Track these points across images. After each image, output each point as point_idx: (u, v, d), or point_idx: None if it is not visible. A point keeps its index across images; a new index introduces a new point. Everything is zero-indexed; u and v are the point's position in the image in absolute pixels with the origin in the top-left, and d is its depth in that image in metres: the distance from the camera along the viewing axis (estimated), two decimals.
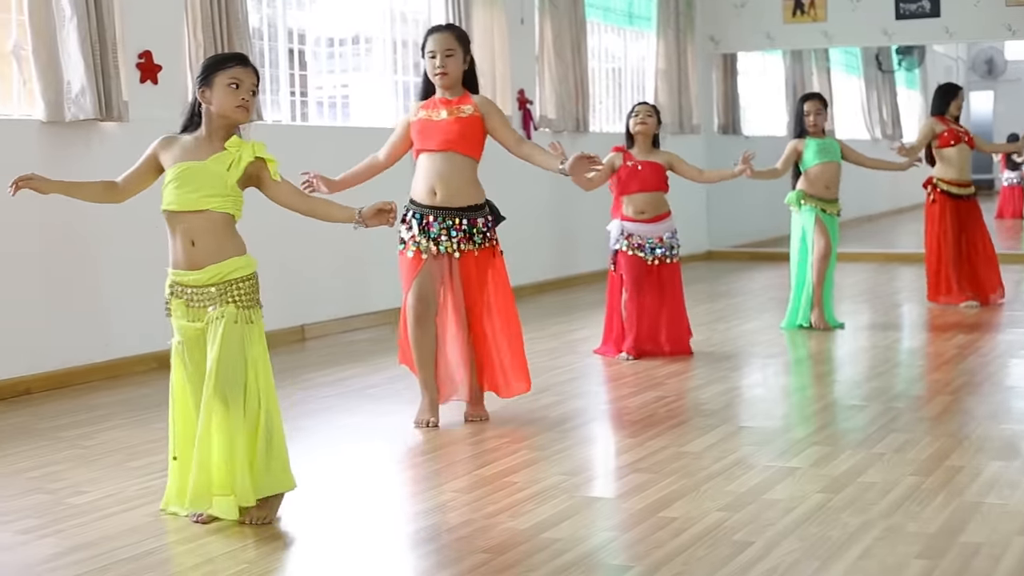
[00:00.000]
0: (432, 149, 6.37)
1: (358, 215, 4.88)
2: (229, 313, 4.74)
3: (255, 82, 4.86)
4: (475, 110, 6.37)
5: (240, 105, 4.80)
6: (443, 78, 6.37)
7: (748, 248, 16.09)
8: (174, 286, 4.83)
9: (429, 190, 6.39)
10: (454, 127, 6.34)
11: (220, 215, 4.78)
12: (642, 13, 14.91)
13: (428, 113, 6.41)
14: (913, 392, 7.36)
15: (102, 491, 5.29)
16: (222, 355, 4.71)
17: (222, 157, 4.80)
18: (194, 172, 4.77)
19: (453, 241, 6.35)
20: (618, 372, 7.95)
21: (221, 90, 4.79)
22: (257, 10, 9.63)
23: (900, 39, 15.49)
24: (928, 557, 4.26)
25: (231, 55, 4.91)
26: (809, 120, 9.36)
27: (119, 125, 8.01)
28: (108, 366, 7.98)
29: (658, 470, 5.48)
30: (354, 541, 4.65)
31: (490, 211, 6.50)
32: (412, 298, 6.41)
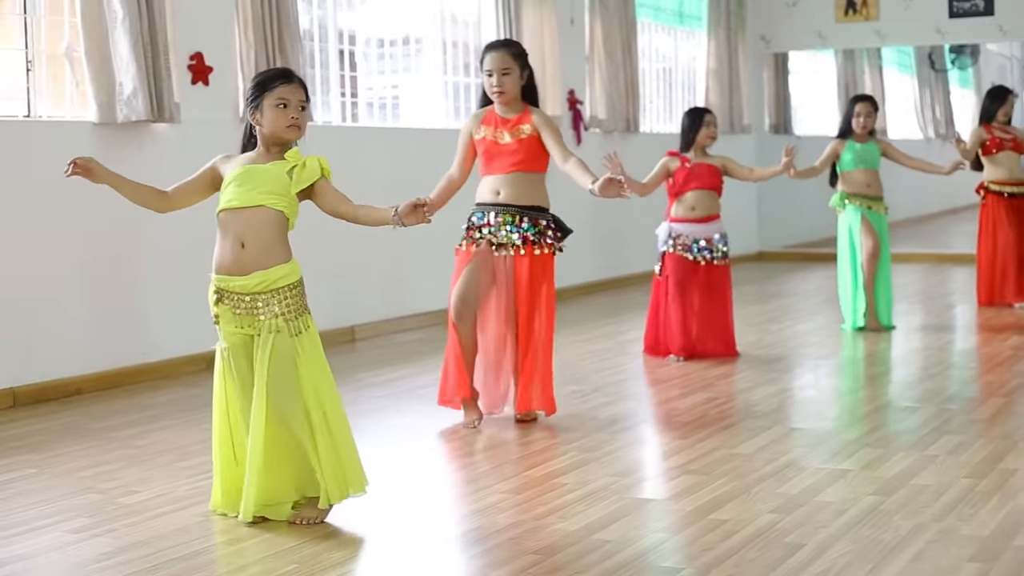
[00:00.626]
0: (499, 173, 6.45)
1: (395, 213, 4.86)
2: (279, 328, 4.75)
3: (303, 98, 4.86)
4: (533, 129, 6.39)
5: (291, 124, 4.82)
6: (500, 96, 6.41)
7: (800, 249, 16.00)
8: (219, 292, 4.83)
9: (494, 191, 6.45)
10: (519, 151, 6.41)
11: (275, 214, 4.78)
12: (693, 12, 14.86)
13: (493, 133, 6.44)
14: (966, 394, 7.29)
15: (153, 491, 5.32)
16: (273, 374, 4.73)
17: (282, 163, 4.82)
18: (255, 172, 4.81)
19: (512, 235, 6.36)
20: (668, 374, 7.92)
21: (270, 111, 4.80)
22: (308, 11, 9.66)
23: (953, 38, 15.35)
24: (982, 560, 4.22)
25: (275, 73, 4.91)
26: (859, 121, 9.30)
27: (171, 126, 8.04)
28: (158, 367, 8.02)
29: (709, 472, 5.45)
30: (404, 542, 4.65)
31: (555, 221, 6.50)
32: (454, 296, 6.45)
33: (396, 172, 10.01)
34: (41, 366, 7.39)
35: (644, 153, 12.66)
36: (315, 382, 4.81)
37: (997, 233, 10.53)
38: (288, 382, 4.75)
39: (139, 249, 7.94)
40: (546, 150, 6.46)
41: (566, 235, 6.56)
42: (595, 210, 12.27)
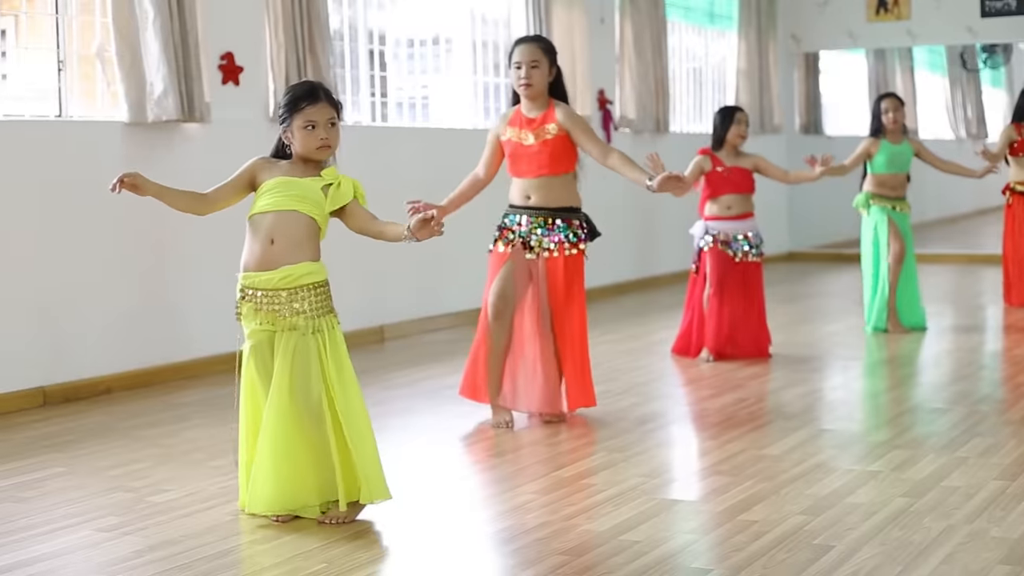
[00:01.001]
0: (526, 176, 6.44)
1: (407, 230, 4.86)
2: (297, 326, 4.76)
3: (332, 115, 4.86)
4: (559, 128, 6.36)
5: (321, 146, 4.84)
6: (527, 89, 6.39)
7: (830, 249, 15.95)
8: (244, 290, 4.86)
9: (523, 196, 6.46)
10: (543, 153, 6.38)
11: (306, 219, 4.81)
12: (723, 12, 14.84)
13: (518, 134, 6.43)
14: (997, 395, 7.26)
15: (183, 490, 5.33)
16: (295, 371, 4.76)
17: (319, 180, 4.86)
18: (291, 183, 4.84)
19: (543, 239, 6.36)
20: (697, 374, 7.91)
21: (299, 133, 4.82)
22: (338, 11, 9.67)
23: (985, 37, 15.28)
24: (1012, 563, 4.20)
25: (302, 92, 4.87)
26: (888, 117, 9.26)
27: (201, 126, 8.07)
28: (188, 366, 8.04)
29: (738, 473, 5.44)
30: (432, 542, 4.65)
31: (586, 221, 6.50)
32: (492, 294, 6.43)
33: (425, 172, 10.02)
34: (71, 365, 7.43)
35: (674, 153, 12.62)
36: (337, 384, 4.81)
37: (1018, 236, 10.48)
38: (306, 381, 4.77)
39: (169, 248, 7.96)
40: (573, 150, 6.43)
41: (594, 237, 6.55)
42: (626, 210, 12.27)
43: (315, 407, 4.77)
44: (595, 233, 6.56)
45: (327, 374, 4.80)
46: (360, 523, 4.84)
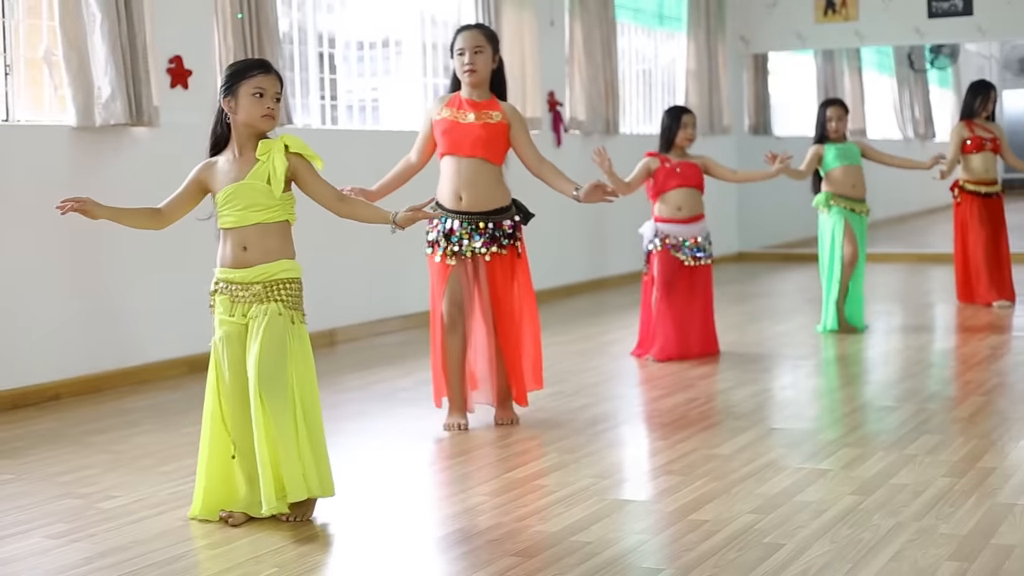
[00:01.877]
0: (459, 154, 6.36)
1: (393, 219, 4.91)
2: (273, 309, 4.78)
3: (279, 89, 4.90)
4: (503, 118, 6.37)
5: (266, 114, 4.85)
6: (471, 75, 6.36)
7: (779, 249, 16.04)
8: (219, 283, 4.89)
9: (455, 195, 6.38)
10: (482, 133, 6.33)
11: (273, 224, 4.85)
12: (672, 14, 14.88)
13: (453, 113, 6.39)
14: (945, 393, 7.31)
15: (132, 496, 5.31)
16: (264, 350, 4.76)
17: (259, 171, 4.84)
18: (240, 192, 4.84)
19: (477, 244, 6.34)
20: (649, 374, 7.93)
21: (246, 100, 4.83)
22: (287, 14, 9.65)
23: (932, 38, 15.39)
24: (960, 559, 4.23)
25: (253, 63, 4.92)
26: (832, 126, 9.33)
27: (150, 130, 8.03)
28: (137, 371, 8.00)
29: (689, 472, 5.46)
30: (384, 544, 4.65)
31: (518, 210, 6.49)
32: (446, 303, 6.40)
33: (376, 175, 9.96)
34: (19, 371, 7.37)
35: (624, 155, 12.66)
36: (301, 379, 4.83)
37: (969, 233, 10.57)
38: (278, 362, 4.78)
39: (118, 253, 7.92)
40: (507, 145, 6.41)
41: (528, 220, 6.54)
42: (576, 212, 12.28)
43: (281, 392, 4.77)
44: (528, 216, 6.53)
45: (294, 369, 4.82)
46: (312, 526, 4.83)
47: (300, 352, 4.89)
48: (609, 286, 12.90)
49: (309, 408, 4.88)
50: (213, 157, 4.98)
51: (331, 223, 9.48)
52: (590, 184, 6.04)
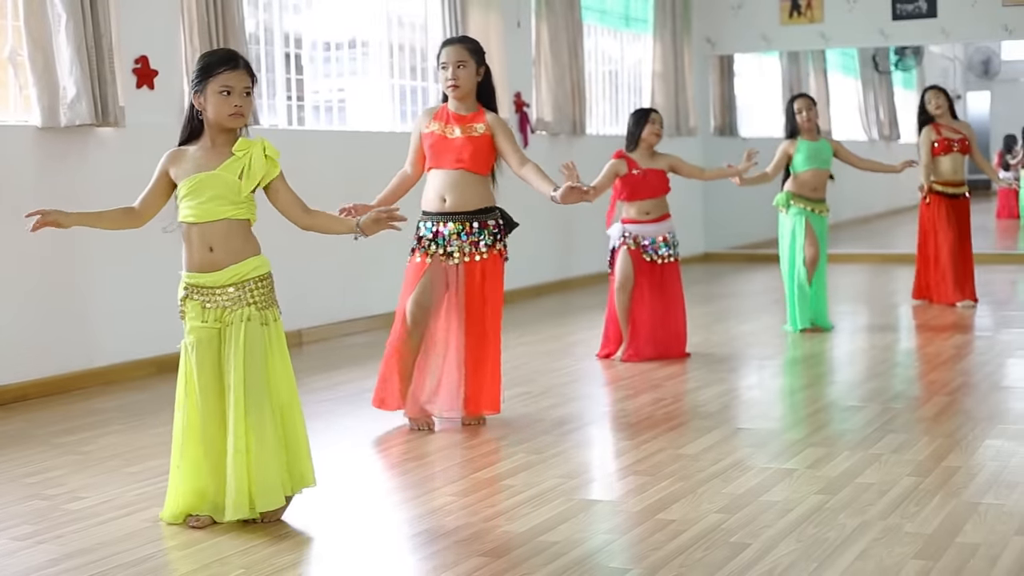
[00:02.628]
0: (444, 167, 6.42)
1: (357, 226, 4.90)
2: (249, 315, 4.76)
3: (248, 84, 4.82)
4: (487, 129, 6.40)
5: (233, 113, 4.79)
6: (455, 90, 6.41)
7: (745, 250, 16.09)
8: (189, 288, 4.83)
9: (439, 198, 6.44)
10: (467, 148, 6.39)
11: (237, 222, 4.80)
12: (639, 15, 14.92)
13: (442, 128, 6.43)
14: (910, 393, 7.36)
15: (100, 497, 5.29)
16: (246, 366, 4.75)
17: (232, 164, 4.80)
18: (207, 182, 4.77)
19: (465, 244, 6.37)
20: (615, 375, 7.95)
21: (214, 98, 4.77)
22: (253, 15, 9.63)
23: (897, 40, 15.49)
24: (925, 558, 4.26)
25: (220, 57, 4.83)
26: (802, 116, 9.38)
27: (115, 131, 8.01)
28: (105, 371, 7.97)
29: (656, 472, 5.48)
30: (352, 545, 4.65)
31: (501, 216, 6.52)
32: (411, 302, 6.41)
33: (343, 175, 10.00)
34: None
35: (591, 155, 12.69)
36: (279, 378, 4.83)
37: (937, 233, 10.62)
38: (261, 373, 4.77)
39: (85, 254, 7.89)
40: (493, 155, 6.46)
41: (512, 229, 6.57)
42: (544, 213, 12.29)
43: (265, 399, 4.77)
44: (512, 224, 6.58)
45: (272, 367, 4.80)
46: (279, 526, 4.82)
47: (278, 351, 4.87)
48: (576, 287, 12.92)
49: (288, 405, 4.87)
50: (182, 146, 4.91)
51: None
52: (566, 186, 6.07)
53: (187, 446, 4.87)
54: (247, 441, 4.74)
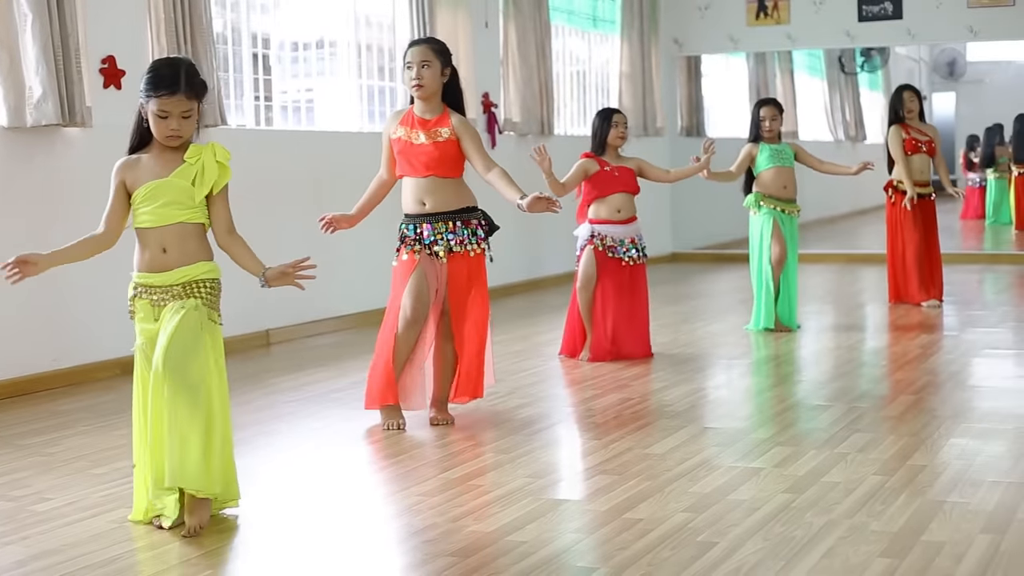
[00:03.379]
0: (415, 175, 6.43)
1: (263, 275, 4.84)
2: (190, 304, 4.73)
3: (187, 108, 4.74)
4: (452, 133, 6.38)
5: (170, 135, 4.75)
6: (419, 90, 6.39)
7: (712, 250, 16.14)
8: (138, 287, 4.80)
9: (418, 202, 6.46)
10: (433, 154, 6.38)
11: (192, 225, 4.78)
12: (606, 16, 14.94)
13: (408, 133, 6.42)
14: (876, 392, 7.39)
15: (66, 498, 5.27)
16: (175, 335, 4.66)
17: (185, 171, 4.78)
18: (159, 189, 4.75)
19: (448, 243, 6.37)
20: (583, 375, 7.96)
21: (152, 118, 4.74)
22: (221, 14, 9.61)
23: (863, 41, 15.57)
24: (891, 556, 4.29)
25: (163, 79, 4.73)
26: (765, 126, 9.44)
27: (82, 131, 7.98)
28: (70, 373, 7.95)
29: (623, 472, 5.49)
30: (319, 546, 4.64)
31: (484, 218, 6.54)
32: (409, 298, 6.38)
33: (310, 175, 9.99)
34: None
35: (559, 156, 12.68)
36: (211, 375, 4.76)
37: (903, 233, 10.67)
38: (188, 349, 4.69)
39: None
40: (462, 157, 6.46)
41: (493, 231, 6.60)
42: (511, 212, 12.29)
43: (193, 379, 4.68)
44: (494, 227, 6.61)
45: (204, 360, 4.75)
46: (247, 527, 4.82)
47: (214, 352, 4.80)
48: (544, 287, 12.94)
49: (220, 411, 4.80)
50: (133, 155, 4.86)
51: (266, 223, 9.46)
52: (533, 195, 6.07)
53: (144, 446, 4.84)
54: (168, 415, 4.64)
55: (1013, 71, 23.79)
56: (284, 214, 9.69)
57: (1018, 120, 18.47)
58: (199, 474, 4.67)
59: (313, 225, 9.95)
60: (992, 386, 7.36)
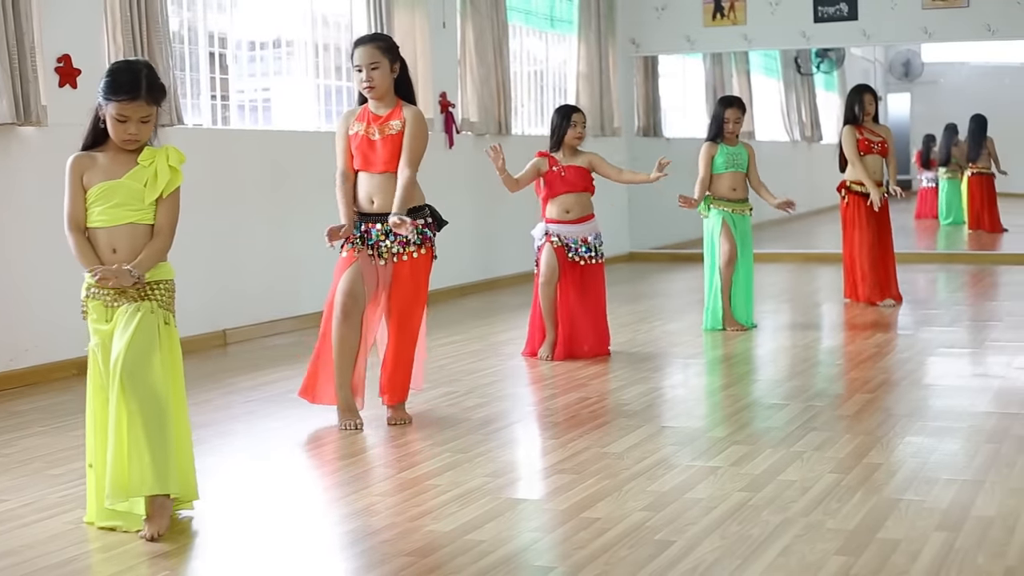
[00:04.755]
0: (370, 171, 6.45)
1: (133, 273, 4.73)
2: (145, 306, 4.72)
3: (146, 114, 4.73)
4: (402, 126, 6.39)
5: (127, 139, 4.74)
6: (371, 91, 6.40)
7: (669, 250, 16.19)
8: (91, 288, 4.78)
9: (368, 199, 6.48)
10: (390, 148, 6.40)
11: (144, 226, 4.77)
12: (563, 16, 14.96)
13: (364, 129, 6.43)
14: (832, 391, 7.43)
15: (21, 499, 5.25)
16: (132, 340, 4.64)
17: (138, 173, 4.77)
18: (112, 190, 4.74)
19: (393, 244, 6.39)
20: (541, 374, 7.98)
21: (111, 121, 4.73)
22: (177, 13, 9.57)
23: (819, 42, 15.65)
24: (847, 554, 4.31)
25: (122, 84, 4.72)
26: (728, 127, 9.47)
27: (38, 130, 7.93)
28: (26, 373, 7.90)
29: (581, 471, 5.51)
30: (277, 546, 4.64)
31: (432, 214, 6.55)
32: (340, 293, 6.41)
33: (267, 174, 9.97)
34: None
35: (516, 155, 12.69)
36: (170, 381, 4.75)
37: (856, 233, 10.71)
38: (145, 353, 4.67)
39: (5, 254, 7.81)
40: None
41: (441, 227, 6.61)
42: (468, 212, 12.31)
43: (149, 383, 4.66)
44: (442, 223, 6.62)
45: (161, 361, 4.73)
46: (202, 528, 4.81)
47: (170, 354, 4.79)
48: (501, 286, 12.94)
49: (178, 413, 4.80)
50: (87, 152, 4.84)
51: (223, 221, 9.44)
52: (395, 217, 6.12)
53: (98, 447, 4.82)
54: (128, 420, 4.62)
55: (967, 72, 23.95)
56: (241, 213, 9.67)
57: (973, 120, 18.61)
58: (159, 478, 4.65)
59: (269, 223, 9.96)
60: (947, 385, 7.41)
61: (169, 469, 4.69)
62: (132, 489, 4.66)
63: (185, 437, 4.85)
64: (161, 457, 4.66)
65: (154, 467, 4.64)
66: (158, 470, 4.65)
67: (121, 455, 4.66)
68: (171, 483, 4.70)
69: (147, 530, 4.67)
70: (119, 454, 4.66)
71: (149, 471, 4.64)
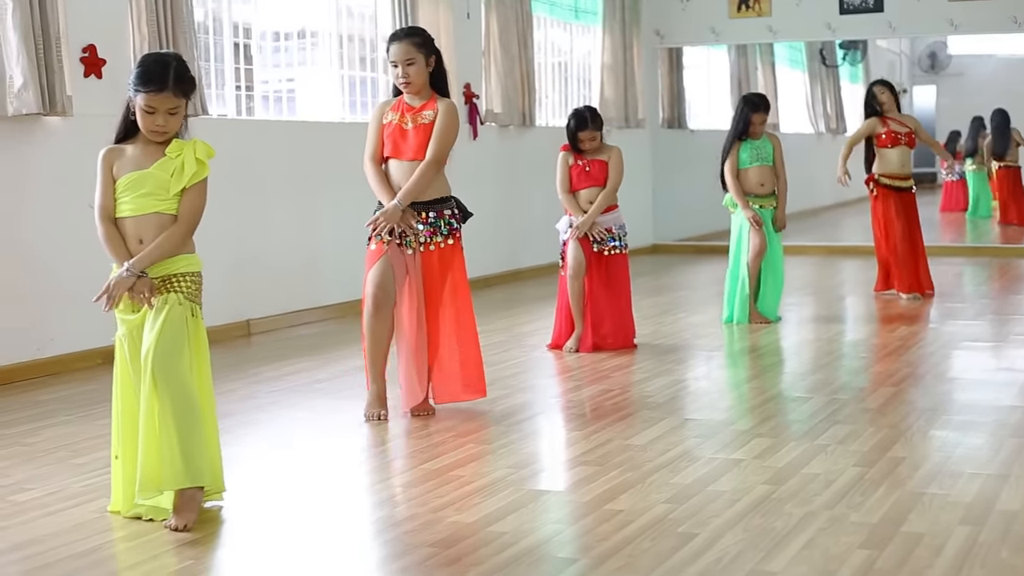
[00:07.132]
0: (401, 158, 6.46)
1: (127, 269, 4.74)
2: (172, 299, 4.73)
3: (174, 105, 4.75)
4: (434, 115, 6.41)
5: (155, 130, 4.76)
6: (407, 87, 6.43)
7: (693, 242, 16.16)
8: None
9: (395, 187, 6.45)
10: (418, 138, 6.42)
11: (170, 216, 4.78)
12: (588, 7, 14.94)
13: (399, 119, 6.45)
14: (856, 384, 7.41)
15: (46, 488, 5.26)
16: (161, 334, 4.67)
17: (165, 164, 4.79)
18: (141, 179, 4.76)
19: (420, 234, 6.39)
20: (564, 366, 7.97)
21: (139, 112, 4.75)
22: (202, 4, 9.59)
23: (844, 34, 15.60)
24: (870, 547, 4.30)
25: (152, 75, 4.73)
26: (754, 130, 9.43)
27: (63, 120, 7.96)
28: (51, 362, 7.93)
29: (604, 463, 5.50)
30: (301, 535, 4.64)
31: (457, 206, 6.55)
32: (371, 285, 6.41)
33: (292, 165, 9.98)
34: None
35: (540, 147, 12.72)
36: (198, 374, 4.78)
37: (888, 224, 10.69)
38: (175, 347, 4.69)
39: (27, 245, 7.84)
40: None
41: (467, 219, 6.62)
42: (492, 204, 12.31)
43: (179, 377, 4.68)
44: (467, 214, 6.62)
45: (188, 354, 4.75)
46: (226, 518, 4.82)
47: (197, 347, 4.82)
48: (524, 278, 12.94)
49: (205, 405, 4.82)
50: (118, 144, 4.88)
51: (247, 212, 9.46)
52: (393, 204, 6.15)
53: (124, 437, 4.84)
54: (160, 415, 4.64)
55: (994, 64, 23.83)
56: (265, 203, 9.68)
57: (996, 114, 18.53)
58: (191, 471, 4.68)
59: (293, 214, 9.98)
60: (972, 378, 7.38)
61: (201, 462, 4.72)
62: (164, 483, 4.69)
63: (213, 429, 4.87)
64: (192, 450, 4.69)
65: (185, 460, 4.67)
66: (189, 463, 4.68)
67: (152, 449, 4.68)
68: (203, 476, 4.73)
69: (175, 521, 4.68)
70: (149, 448, 4.68)
71: (180, 464, 4.66)
